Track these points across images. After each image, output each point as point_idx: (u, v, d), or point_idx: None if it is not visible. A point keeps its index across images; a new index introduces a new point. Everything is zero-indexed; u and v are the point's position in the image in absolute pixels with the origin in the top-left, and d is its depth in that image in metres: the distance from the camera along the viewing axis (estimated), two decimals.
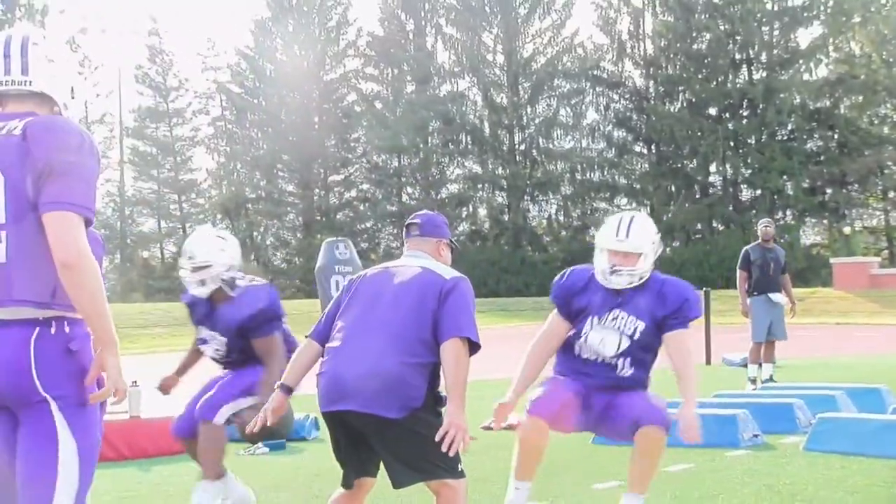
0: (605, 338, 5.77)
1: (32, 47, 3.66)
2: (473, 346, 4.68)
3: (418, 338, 4.64)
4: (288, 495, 7.50)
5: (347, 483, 4.84)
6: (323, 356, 4.82)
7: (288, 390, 4.87)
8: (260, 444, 9.85)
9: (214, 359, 6.94)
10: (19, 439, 3.55)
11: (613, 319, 5.75)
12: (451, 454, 4.52)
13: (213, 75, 67.62)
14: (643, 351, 5.90)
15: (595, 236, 5.98)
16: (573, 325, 5.89)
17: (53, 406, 3.50)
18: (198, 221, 67.70)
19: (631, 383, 5.94)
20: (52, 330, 3.50)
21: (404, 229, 5.19)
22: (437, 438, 4.55)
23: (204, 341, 6.88)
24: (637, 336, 5.80)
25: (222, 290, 6.72)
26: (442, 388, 4.79)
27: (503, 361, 5.54)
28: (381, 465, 4.84)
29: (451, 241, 5.18)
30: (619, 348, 5.80)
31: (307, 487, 7.67)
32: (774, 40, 59.33)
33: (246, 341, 6.65)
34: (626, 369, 5.87)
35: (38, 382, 3.47)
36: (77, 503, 3.54)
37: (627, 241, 5.74)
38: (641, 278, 5.77)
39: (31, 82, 3.64)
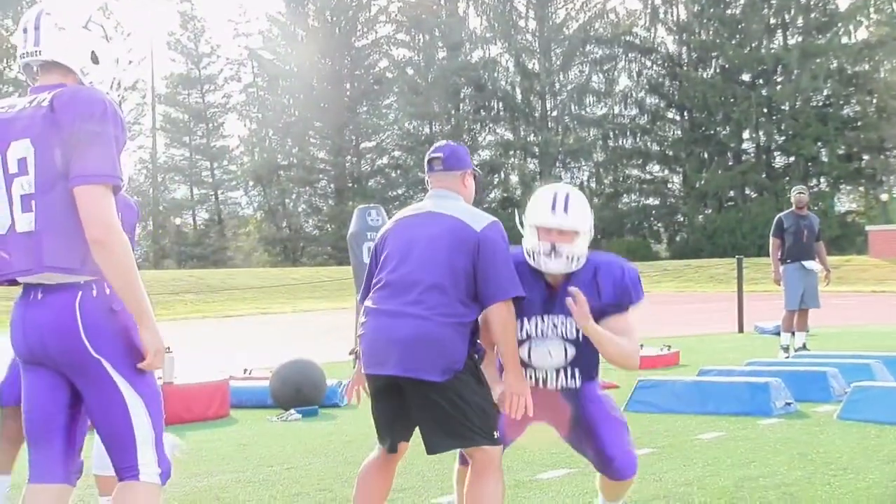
0: (552, 350, 4.88)
1: (45, 17, 3.74)
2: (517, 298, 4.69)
3: (456, 296, 4.60)
4: (321, 461, 7.53)
5: (385, 445, 4.85)
6: (363, 315, 4.83)
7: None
8: (293, 411, 9.90)
9: None
10: (89, 408, 3.71)
11: (554, 327, 4.87)
12: (514, 416, 4.66)
13: (245, 41, 67.85)
14: (588, 346, 4.84)
15: (526, 213, 4.99)
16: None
17: (109, 367, 3.62)
18: (230, 188, 68.07)
19: (583, 380, 5.04)
20: (94, 292, 3.60)
21: (426, 163, 5.01)
22: (498, 407, 4.66)
23: None
24: (581, 338, 4.84)
25: None
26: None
27: None
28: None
29: (474, 169, 5.03)
30: (566, 358, 4.92)
31: (340, 453, 7.70)
32: (812, 3, 58.70)
33: None
34: (575, 378, 4.96)
35: (88, 344, 3.58)
36: (158, 450, 3.75)
37: (566, 218, 4.83)
38: (579, 261, 4.84)
39: (41, 52, 3.71)
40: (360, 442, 4.97)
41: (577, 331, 4.81)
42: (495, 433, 4.66)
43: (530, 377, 4.93)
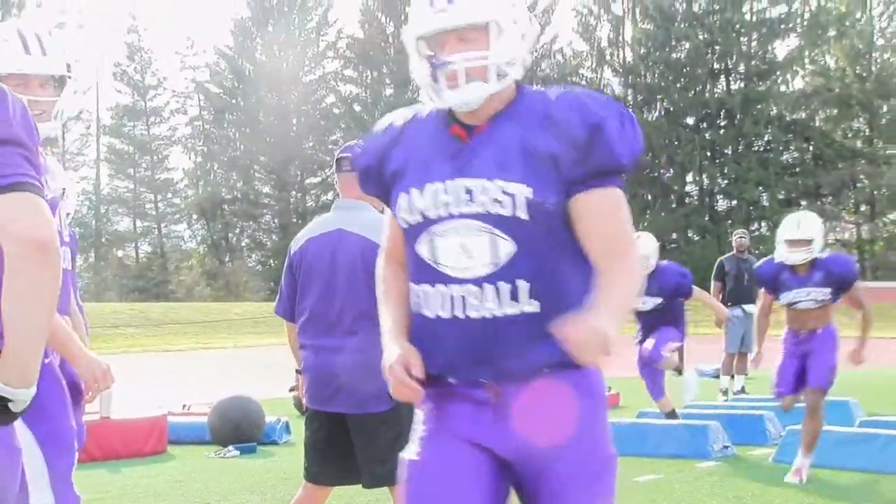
0: (467, 243, 2.67)
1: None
2: None
3: None
4: (258, 498, 7.48)
5: (315, 480, 4.82)
6: (301, 347, 4.81)
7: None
8: (231, 447, 9.83)
9: None
10: None
11: (468, 197, 2.69)
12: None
13: (192, 74, 67.57)
14: (549, 244, 2.73)
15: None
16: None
17: None
18: (173, 221, 67.61)
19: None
20: None
21: (335, 163, 4.98)
22: None
23: None
24: (530, 220, 2.70)
25: None
26: None
27: None
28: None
29: None
30: (496, 255, 2.66)
31: (277, 490, 7.65)
32: (752, 51, 59.72)
33: None
34: (519, 300, 2.67)
35: None
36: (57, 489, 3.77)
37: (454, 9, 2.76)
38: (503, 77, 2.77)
39: None
40: (297, 479, 4.94)
41: (517, 205, 2.66)
42: None
43: (438, 305, 2.75)
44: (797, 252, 7.90)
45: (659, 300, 9.82)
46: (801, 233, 7.95)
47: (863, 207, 57.97)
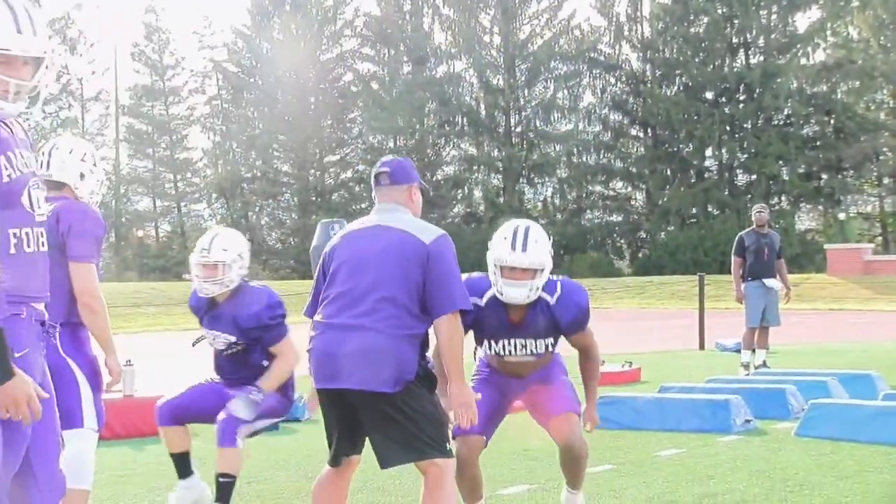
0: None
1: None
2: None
3: (406, 308, 4.63)
4: (282, 476, 7.53)
5: (336, 460, 4.85)
6: (312, 330, 4.83)
7: None
8: None
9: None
10: None
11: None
12: (464, 426, 4.83)
13: (210, 54, 67.52)
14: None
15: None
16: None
17: None
18: (193, 201, 67.81)
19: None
20: None
21: (373, 178, 5.05)
22: (447, 420, 4.78)
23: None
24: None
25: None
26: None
27: None
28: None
29: (421, 182, 5.05)
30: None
31: (301, 468, 7.69)
32: (772, 24, 59.30)
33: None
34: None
35: None
36: None
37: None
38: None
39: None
40: (321, 457, 4.97)
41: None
42: (448, 446, 4.68)
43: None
44: None
45: None
46: None
47: (886, 180, 57.60)
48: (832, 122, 57.69)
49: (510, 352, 5.50)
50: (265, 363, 6.41)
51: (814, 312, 32.25)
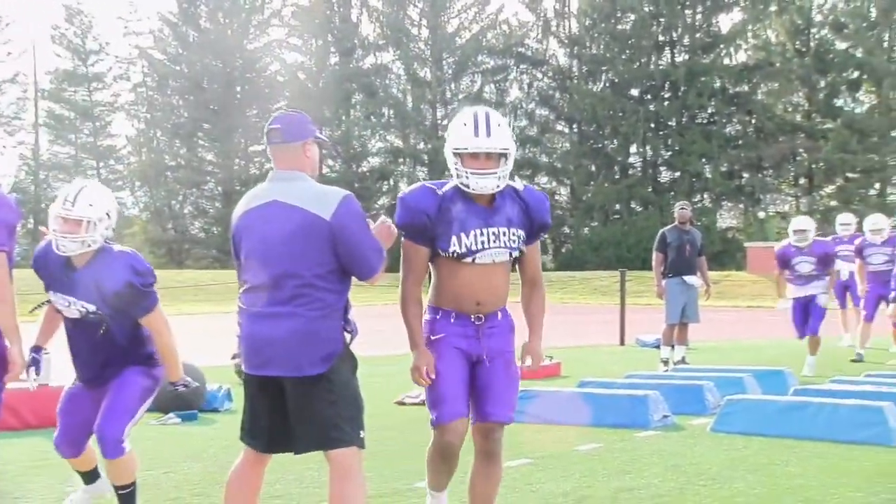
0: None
1: None
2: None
3: (324, 287, 4.62)
4: (199, 466, 7.47)
5: (253, 445, 4.82)
6: (239, 313, 4.82)
7: None
8: (172, 414, 9.80)
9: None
10: None
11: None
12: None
13: (135, 40, 66.79)
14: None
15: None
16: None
17: None
18: (116, 188, 66.93)
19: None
20: None
21: (265, 135, 4.86)
22: (363, 405, 4.76)
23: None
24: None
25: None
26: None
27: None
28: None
29: (317, 136, 4.88)
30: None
31: (218, 458, 7.64)
32: (697, 23, 60.08)
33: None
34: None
35: None
36: None
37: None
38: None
39: None
40: (238, 447, 4.94)
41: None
42: (362, 434, 4.68)
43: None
44: None
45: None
46: None
47: (801, 181, 58.59)
48: (753, 122, 58.69)
49: (483, 244, 4.98)
50: (125, 343, 5.70)
51: (733, 309, 32.74)
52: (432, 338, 5.09)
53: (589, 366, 14.30)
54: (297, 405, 4.64)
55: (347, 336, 4.76)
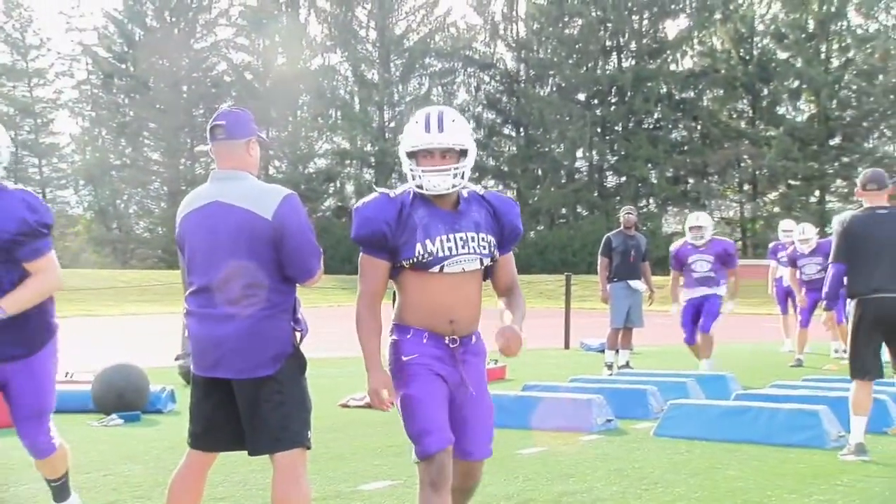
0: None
1: None
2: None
3: (271, 287, 4.62)
4: (140, 468, 7.42)
5: (199, 446, 4.80)
6: (186, 314, 4.80)
7: None
8: (114, 416, 9.72)
9: None
10: None
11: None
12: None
13: (79, 37, 66.02)
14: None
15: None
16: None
17: None
18: (59, 186, 66.26)
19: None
20: None
21: (209, 131, 4.85)
22: (311, 406, 4.72)
23: None
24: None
25: None
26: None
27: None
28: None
29: (259, 136, 4.86)
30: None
31: (160, 460, 7.59)
32: (644, 29, 60.55)
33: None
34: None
35: None
36: None
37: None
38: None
39: None
40: (182, 448, 4.91)
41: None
42: (309, 434, 4.69)
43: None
44: None
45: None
46: None
47: (746, 187, 59.21)
48: (699, 127, 59.26)
49: (450, 250, 4.49)
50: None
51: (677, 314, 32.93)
52: (403, 358, 4.51)
53: (533, 369, 14.34)
54: (246, 407, 4.64)
55: (297, 335, 4.76)
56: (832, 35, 56.49)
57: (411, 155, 4.54)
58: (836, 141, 56.35)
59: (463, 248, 4.52)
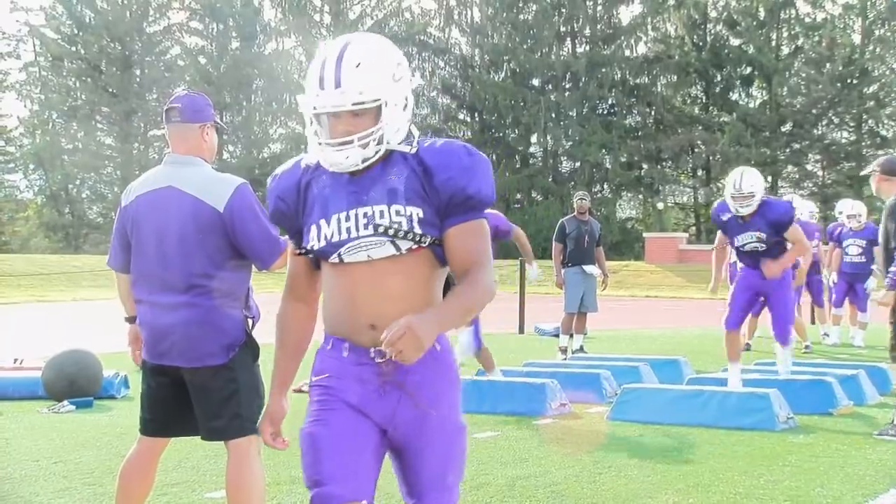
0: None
1: None
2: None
3: (221, 276, 4.61)
4: (92, 454, 7.36)
5: (150, 432, 4.78)
6: (137, 302, 4.77)
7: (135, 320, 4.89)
8: (66, 402, 9.64)
9: None
10: None
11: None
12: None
13: (25, 17, 65.11)
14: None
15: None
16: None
17: None
18: (7, 171, 65.50)
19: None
20: None
21: (164, 113, 4.83)
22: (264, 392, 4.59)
23: None
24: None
25: None
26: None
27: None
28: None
29: (216, 121, 4.86)
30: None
31: (112, 446, 7.54)
32: (598, 15, 60.74)
33: None
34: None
35: None
36: None
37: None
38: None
39: None
40: (134, 434, 4.88)
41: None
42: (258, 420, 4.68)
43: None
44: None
45: None
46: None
47: (699, 172, 59.58)
48: (653, 113, 59.56)
49: (348, 232, 3.23)
50: None
51: (630, 299, 33.17)
52: (313, 379, 3.40)
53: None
54: (198, 394, 4.63)
55: (249, 322, 4.75)
56: (782, 23, 57.02)
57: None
58: (787, 127, 56.84)
59: (365, 227, 3.22)
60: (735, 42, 57.83)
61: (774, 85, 55.49)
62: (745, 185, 9.69)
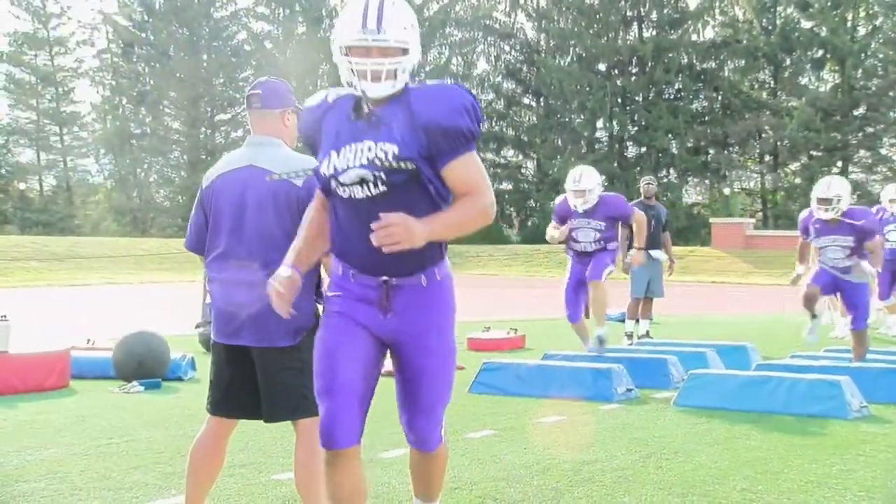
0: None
1: None
2: None
3: None
4: (161, 434, 7.44)
5: (219, 413, 4.81)
6: (210, 281, 4.80)
7: None
8: (135, 383, 9.76)
9: None
10: None
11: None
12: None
13: (99, 5, 66.16)
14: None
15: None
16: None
17: None
18: (80, 155, 66.48)
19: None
20: None
21: (246, 100, 4.90)
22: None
23: None
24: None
25: None
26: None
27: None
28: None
29: (297, 106, 4.87)
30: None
31: (181, 427, 7.62)
32: (664, 0, 60.12)
33: None
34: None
35: None
36: None
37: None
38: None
39: None
40: (202, 415, 4.92)
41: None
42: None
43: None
44: None
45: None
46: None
47: (767, 158, 58.90)
48: (719, 98, 58.91)
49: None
50: None
51: (697, 285, 32.92)
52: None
53: (553, 339, 14.34)
54: (266, 375, 4.65)
55: (319, 307, 4.75)
56: (859, 2, 55.81)
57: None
58: (860, 111, 55.77)
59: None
60: (806, 24, 56.82)
61: (848, 67, 54.47)
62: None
